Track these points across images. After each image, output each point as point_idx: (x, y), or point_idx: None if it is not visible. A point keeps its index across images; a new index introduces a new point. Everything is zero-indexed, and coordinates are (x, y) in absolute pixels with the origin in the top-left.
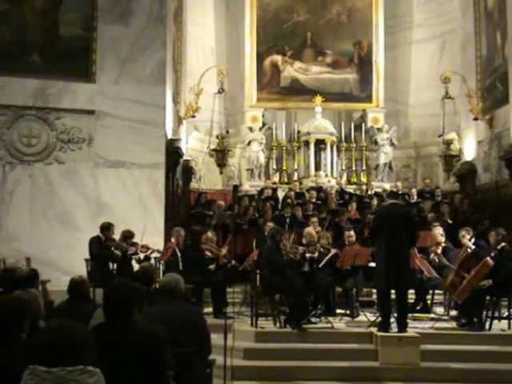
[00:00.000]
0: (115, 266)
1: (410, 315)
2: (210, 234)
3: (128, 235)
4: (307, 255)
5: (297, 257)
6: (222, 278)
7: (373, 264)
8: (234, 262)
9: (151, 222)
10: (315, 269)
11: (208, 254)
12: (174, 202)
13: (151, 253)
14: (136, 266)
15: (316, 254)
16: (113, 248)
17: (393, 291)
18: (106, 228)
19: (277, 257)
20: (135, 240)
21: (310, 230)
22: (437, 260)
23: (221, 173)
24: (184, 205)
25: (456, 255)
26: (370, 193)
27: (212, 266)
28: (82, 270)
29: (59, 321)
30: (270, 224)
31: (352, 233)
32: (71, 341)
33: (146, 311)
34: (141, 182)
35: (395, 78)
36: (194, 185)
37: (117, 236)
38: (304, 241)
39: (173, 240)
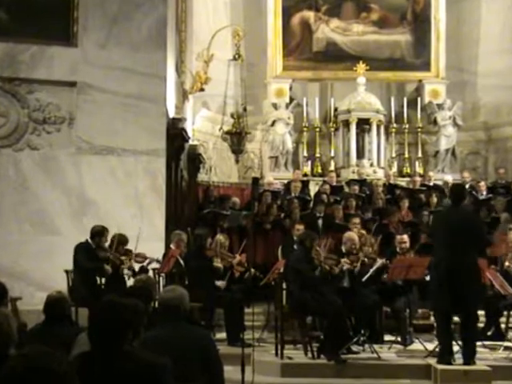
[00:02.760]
0: (103, 279)
1: (478, 343)
2: (221, 237)
3: (120, 241)
4: (345, 267)
5: (335, 270)
6: (239, 295)
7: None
8: (253, 270)
9: (149, 224)
10: (357, 284)
11: (217, 263)
12: (178, 199)
13: (149, 263)
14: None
15: (358, 265)
16: (106, 261)
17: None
18: (99, 234)
19: (307, 268)
20: (128, 247)
21: (352, 234)
22: None
23: (237, 162)
24: (190, 202)
25: None
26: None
27: (221, 283)
28: (61, 285)
29: (33, 348)
30: (300, 227)
31: (405, 237)
32: (48, 373)
33: (143, 336)
34: (135, 174)
35: (460, 40)
36: (202, 177)
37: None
38: (344, 248)
39: (173, 246)
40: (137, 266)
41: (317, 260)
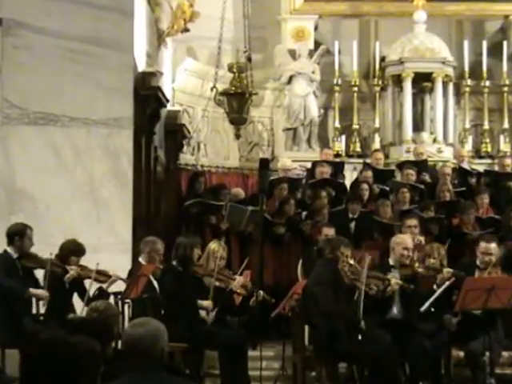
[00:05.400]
0: (42, 306)
1: None
2: (214, 245)
3: (73, 250)
4: (390, 288)
5: (387, 291)
6: (240, 332)
7: None
8: (262, 293)
9: (109, 227)
10: (413, 314)
11: (209, 282)
12: (151, 191)
13: (110, 284)
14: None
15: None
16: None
17: None
18: (18, 234)
19: (328, 294)
20: (83, 261)
21: (402, 237)
22: None
23: (237, 136)
24: (169, 195)
25: None
26: None
27: (207, 317)
28: None
29: None
30: (329, 231)
31: (493, 247)
32: None
33: None
34: (89, 153)
35: None
36: (186, 158)
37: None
38: (391, 258)
39: (143, 260)
40: (92, 286)
41: (348, 278)
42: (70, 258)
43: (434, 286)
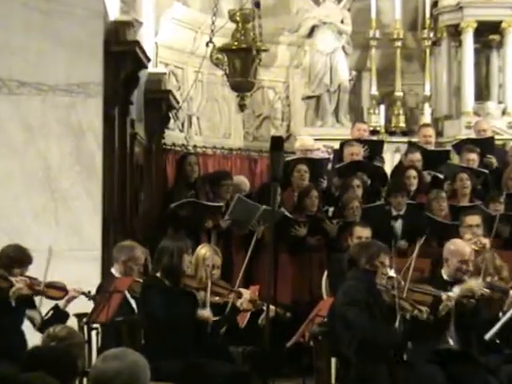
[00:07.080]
0: None
1: None
2: (203, 249)
3: (16, 259)
4: (442, 306)
5: (440, 311)
6: (246, 366)
7: None
8: (278, 309)
9: (72, 228)
10: (474, 343)
11: (203, 297)
12: (127, 180)
13: (68, 301)
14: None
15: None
16: None
17: None
18: None
19: (363, 317)
20: (32, 272)
21: (460, 245)
22: None
23: (241, 107)
24: (151, 185)
25: None
26: None
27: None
28: None
29: None
30: (363, 233)
31: None
32: None
33: None
34: (45, 130)
35: None
36: (174, 136)
37: None
38: (444, 271)
39: (116, 272)
40: (45, 306)
41: (388, 295)
42: (11, 270)
43: (500, 314)
